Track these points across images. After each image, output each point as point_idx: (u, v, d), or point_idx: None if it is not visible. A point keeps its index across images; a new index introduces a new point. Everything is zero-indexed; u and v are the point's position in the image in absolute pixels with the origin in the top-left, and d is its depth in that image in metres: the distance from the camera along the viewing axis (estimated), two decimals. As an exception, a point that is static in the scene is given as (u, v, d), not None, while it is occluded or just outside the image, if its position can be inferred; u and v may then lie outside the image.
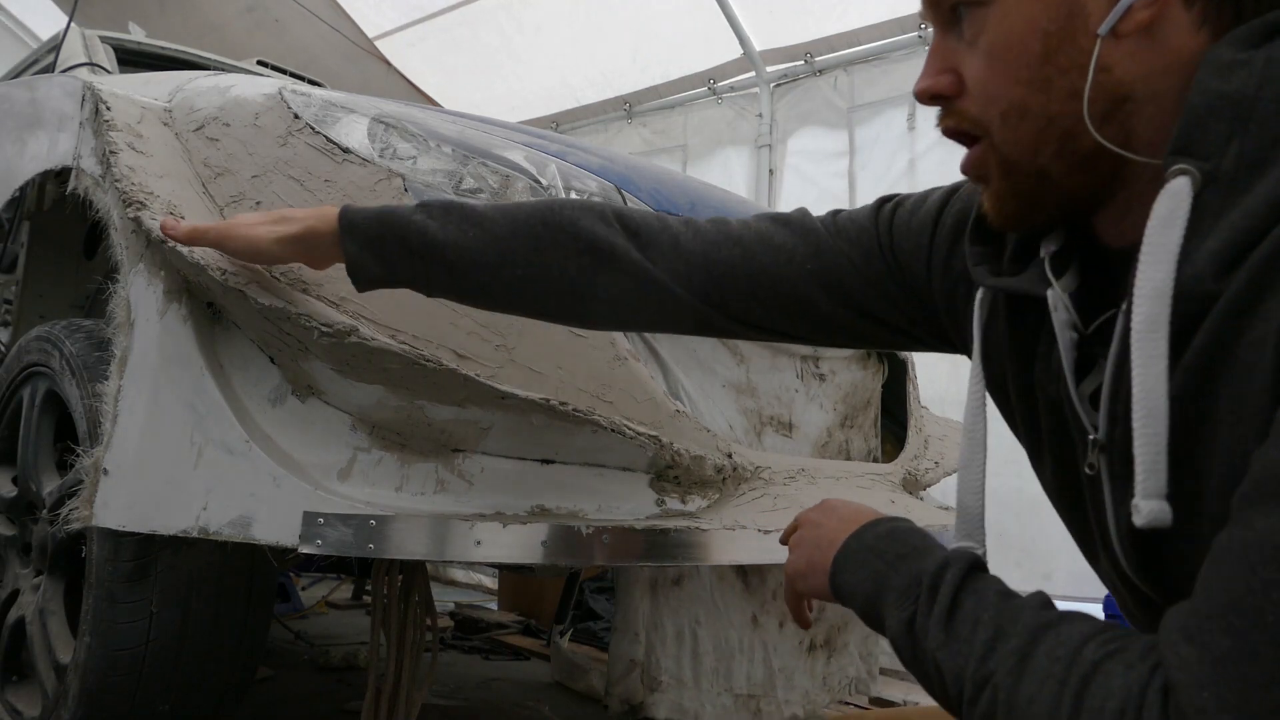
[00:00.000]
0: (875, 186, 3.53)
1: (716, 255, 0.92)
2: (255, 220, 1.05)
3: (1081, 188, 0.64)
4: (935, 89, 0.67)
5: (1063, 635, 0.55)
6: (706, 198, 1.57)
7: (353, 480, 1.16)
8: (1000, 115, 0.64)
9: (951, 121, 0.68)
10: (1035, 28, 0.61)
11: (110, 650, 1.31)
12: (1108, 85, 0.60)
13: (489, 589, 4.22)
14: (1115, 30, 0.58)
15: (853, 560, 0.73)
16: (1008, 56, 0.62)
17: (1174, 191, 0.55)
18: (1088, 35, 0.59)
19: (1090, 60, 0.59)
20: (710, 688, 1.58)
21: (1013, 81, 0.62)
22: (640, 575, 1.60)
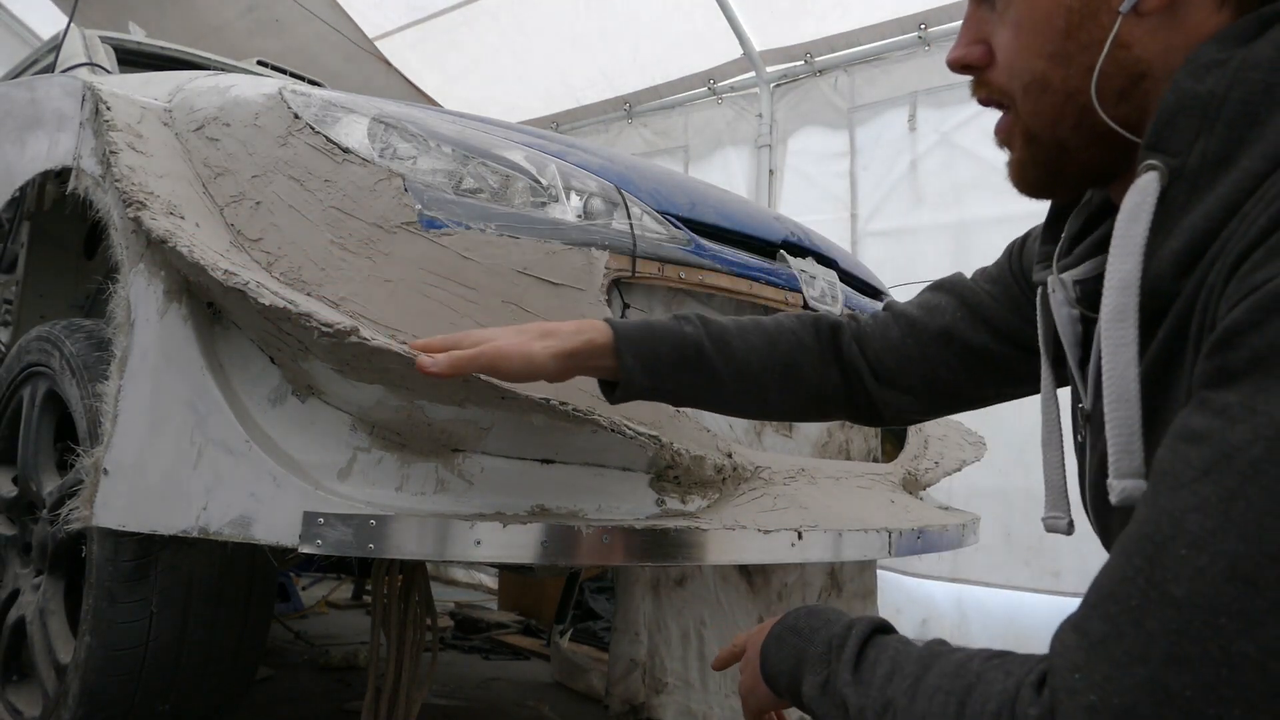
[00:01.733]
0: (876, 187, 3.53)
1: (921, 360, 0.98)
2: (520, 339, 0.92)
3: (1098, 160, 0.66)
4: (967, 59, 0.70)
5: (953, 658, 0.60)
6: (707, 198, 1.57)
7: (353, 480, 1.16)
8: (1023, 88, 0.66)
9: (982, 92, 0.71)
10: (1060, 3, 0.62)
11: (110, 650, 1.31)
12: (1126, 62, 0.61)
13: (489, 589, 4.22)
14: (1137, 8, 0.60)
15: (775, 643, 0.78)
16: (1033, 30, 0.64)
17: (1142, 186, 0.57)
18: (1110, 12, 0.61)
19: (1109, 36, 0.60)
20: (718, 690, 1.58)
21: (1036, 55, 0.64)
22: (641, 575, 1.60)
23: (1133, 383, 0.57)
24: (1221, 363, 0.49)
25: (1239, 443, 0.46)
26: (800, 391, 1.00)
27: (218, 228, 1.24)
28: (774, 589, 1.70)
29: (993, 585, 3.01)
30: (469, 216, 1.21)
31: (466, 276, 1.19)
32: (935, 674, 0.59)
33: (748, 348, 0.98)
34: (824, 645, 0.71)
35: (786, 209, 3.65)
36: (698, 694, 1.56)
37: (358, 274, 1.18)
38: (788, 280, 1.54)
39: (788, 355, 0.99)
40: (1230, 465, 0.46)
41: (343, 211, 1.20)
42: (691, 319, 0.99)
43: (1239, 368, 0.48)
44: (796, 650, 0.74)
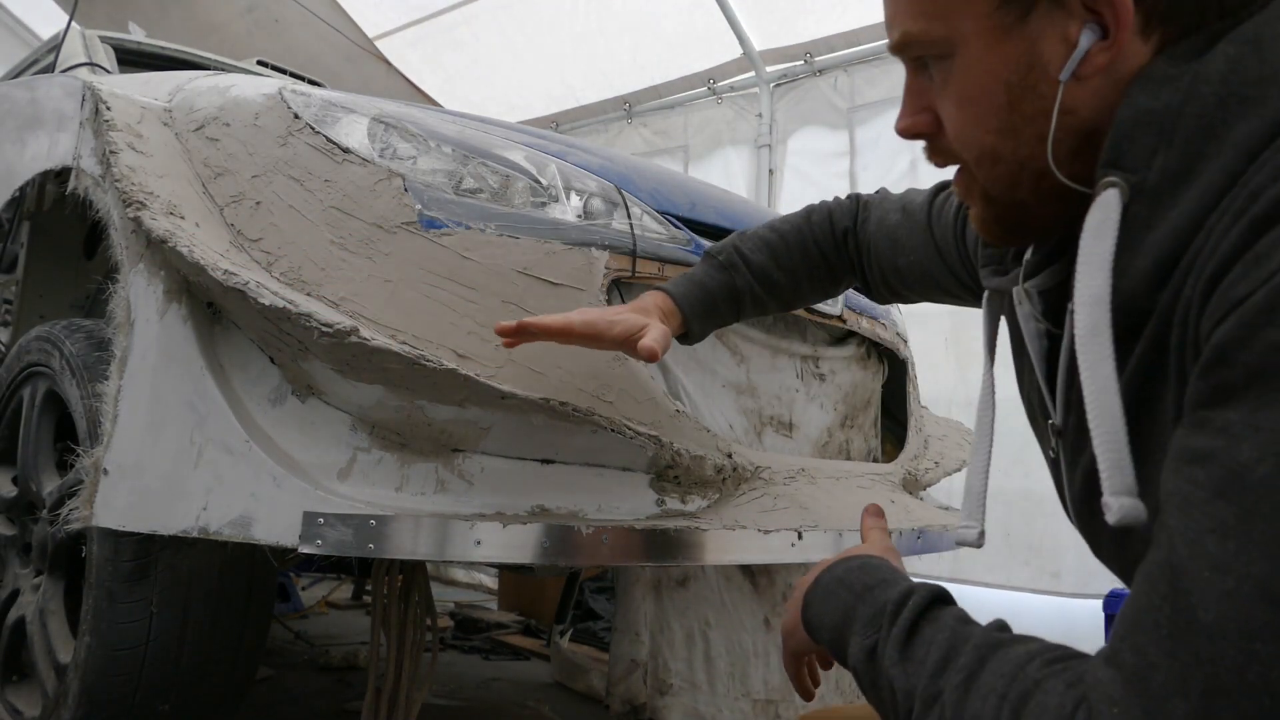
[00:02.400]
0: (876, 187, 3.52)
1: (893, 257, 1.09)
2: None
3: (1059, 214, 0.66)
4: (915, 128, 0.70)
5: (1011, 654, 0.56)
6: (707, 198, 1.57)
7: (353, 480, 1.16)
8: (975, 159, 0.66)
9: (938, 158, 0.71)
10: (998, 79, 0.62)
11: (110, 650, 1.31)
12: (1074, 125, 0.61)
13: (489, 589, 4.22)
14: (1076, 74, 0.59)
15: (822, 592, 0.74)
16: (975, 106, 0.64)
17: (1104, 203, 0.58)
18: (1049, 82, 0.60)
19: (1054, 105, 0.60)
20: (727, 692, 1.58)
21: (982, 130, 0.64)
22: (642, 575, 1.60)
23: (1115, 398, 0.57)
24: (1217, 381, 0.49)
25: (1247, 461, 0.46)
26: (823, 291, 1.20)
27: (218, 228, 1.24)
28: (779, 589, 1.70)
29: (992, 585, 3.01)
30: (469, 216, 1.21)
31: (466, 276, 1.19)
32: (991, 672, 0.55)
33: (787, 276, 1.14)
34: (876, 609, 0.67)
35: (786, 209, 3.64)
36: (705, 695, 1.56)
37: (358, 274, 1.18)
38: (788, 280, 1.54)
39: (817, 268, 1.15)
40: (1242, 484, 0.46)
41: (343, 211, 1.20)
42: (737, 265, 1.13)
43: (1236, 385, 0.48)
44: (845, 606, 0.71)
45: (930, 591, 0.66)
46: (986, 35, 0.61)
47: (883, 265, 1.09)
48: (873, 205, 1.12)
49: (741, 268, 1.13)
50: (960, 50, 0.63)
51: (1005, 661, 0.55)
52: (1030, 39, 0.60)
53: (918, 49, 0.66)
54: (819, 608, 0.74)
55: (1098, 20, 0.58)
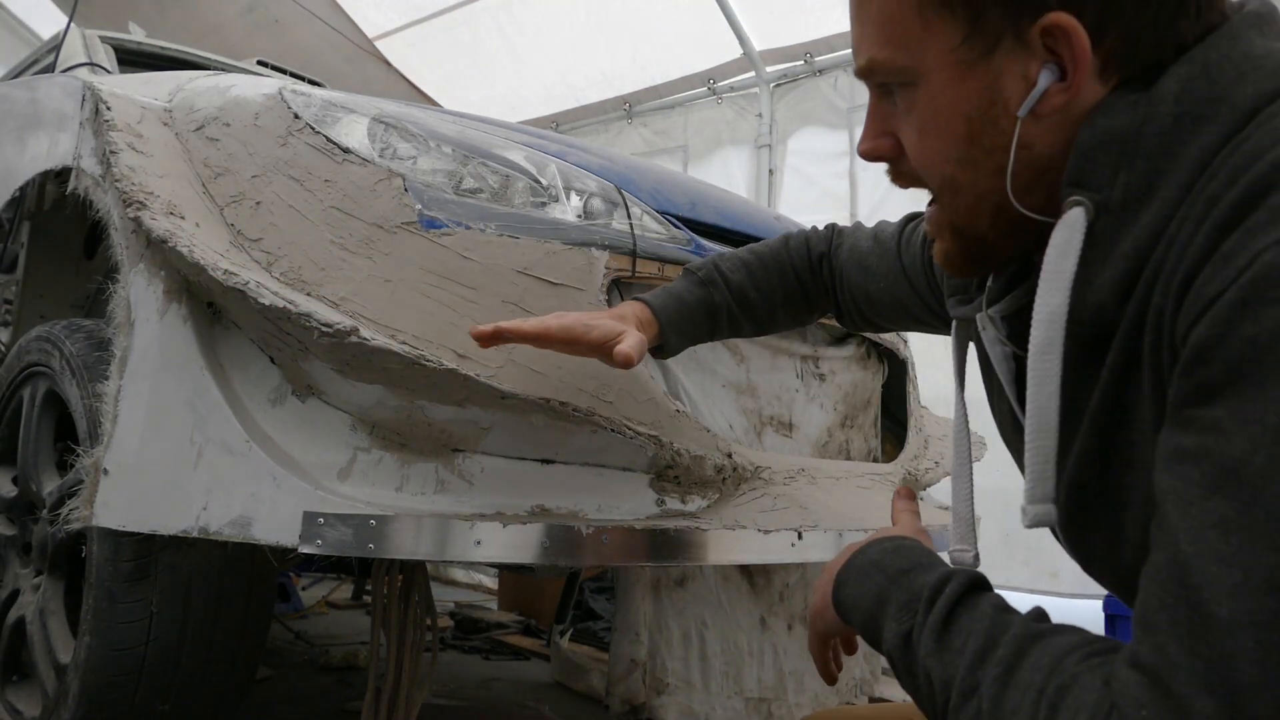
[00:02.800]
0: (876, 187, 3.53)
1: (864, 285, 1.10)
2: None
3: (1019, 246, 0.68)
4: (878, 151, 0.71)
5: (1050, 646, 0.56)
6: (707, 197, 1.57)
7: (353, 480, 1.16)
8: (938, 188, 0.68)
9: (902, 181, 0.72)
10: (959, 112, 0.63)
11: (110, 650, 1.31)
12: (1030, 160, 0.63)
13: (489, 589, 4.22)
14: (1034, 112, 0.61)
15: (856, 574, 0.73)
16: (936, 136, 0.65)
17: (1069, 222, 0.59)
18: (1008, 117, 0.62)
19: (1012, 141, 0.62)
20: (720, 691, 1.58)
21: (942, 160, 0.66)
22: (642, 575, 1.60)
23: (1053, 414, 0.60)
24: (1200, 380, 0.50)
25: (1240, 454, 0.47)
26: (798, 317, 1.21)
27: (218, 228, 1.24)
28: (776, 589, 1.70)
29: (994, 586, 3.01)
30: (469, 216, 1.21)
31: (466, 276, 1.19)
32: (1030, 665, 0.55)
33: (763, 298, 1.15)
34: (911, 594, 0.66)
35: (786, 209, 3.65)
36: (699, 694, 1.56)
37: (358, 274, 1.18)
38: (788, 280, 1.54)
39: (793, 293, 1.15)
40: (1238, 478, 0.47)
41: (343, 211, 1.20)
42: (715, 282, 1.13)
43: (1218, 381, 0.48)
44: (879, 590, 0.70)
45: (968, 578, 0.65)
46: (950, 69, 0.63)
47: (854, 292, 1.10)
48: (846, 233, 1.14)
49: (720, 285, 1.13)
50: (924, 80, 0.64)
51: (1044, 654, 0.55)
52: (992, 75, 0.62)
53: (882, 75, 0.67)
54: (852, 589, 0.73)
55: (1057, 61, 0.60)
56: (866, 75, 0.69)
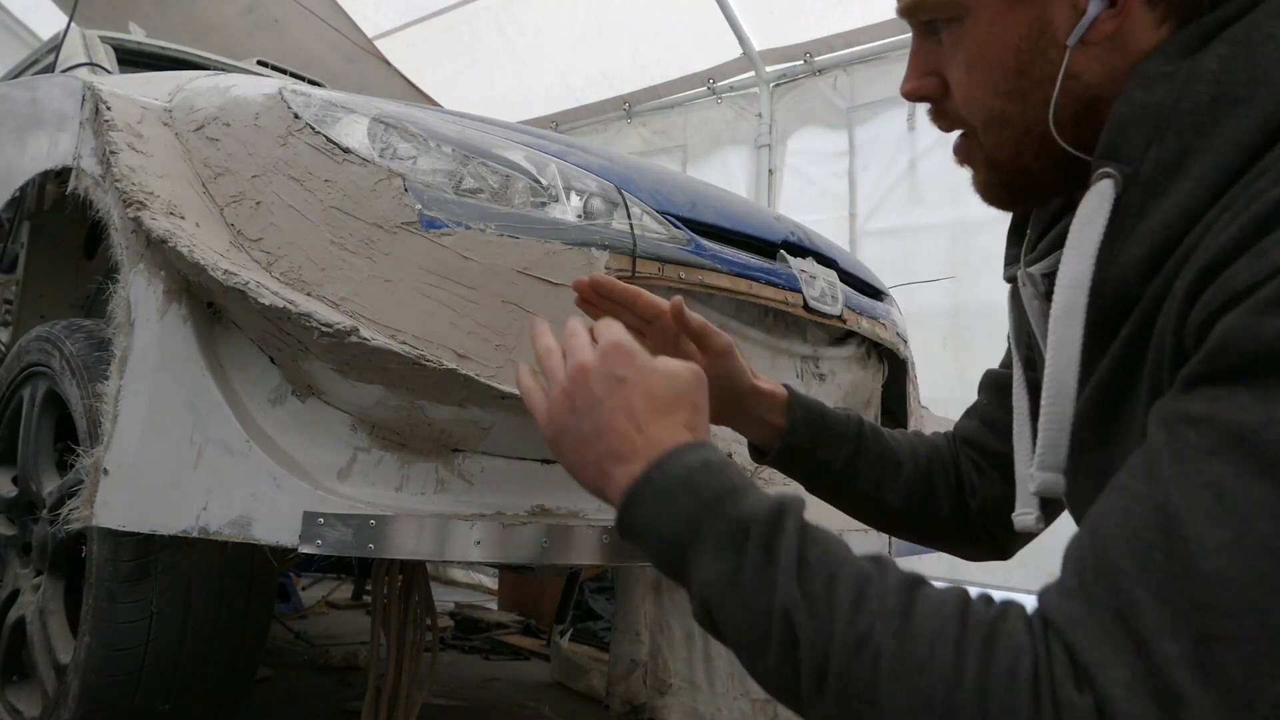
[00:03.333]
0: (875, 187, 3.53)
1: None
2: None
3: (1060, 179, 0.68)
4: (922, 91, 0.71)
5: (936, 593, 0.53)
6: (707, 197, 1.57)
7: (353, 480, 1.16)
8: (983, 123, 0.68)
9: (943, 121, 0.72)
10: (1008, 44, 0.64)
11: (110, 650, 1.31)
12: (1077, 91, 0.63)
13: (489, 589, 4.22)
14: (1083, 40, 0.62)
15: (655, 492, 0.61)
16: (985, 70, 0.66)
17: (1098, 192, 0.60)
18: (1057, 47, 0.63)
19: (1059, 70, 0.63)
20: (726, 692, 1.58)
21: (991, 93, 0.66)
22: (641, 575, 1.60)
23: (1072, 382, 0.60)
24: (1221, 365, 0.49)
25: (1252, 424, 0.47)
26: (928, 507, 0.96)
27: (218, 228, 1.24)
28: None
29: (990, 586, 3.01)
30: (469, 216, 1.21)
31: (466, 276, 1.19)
32: (927, 614, 0.51)
33: (896, 440, 0.98)
34: (732, 524, 0.57)
35: (786, 209, 3.65)
36: (704, 695, 1.56)
37: (358, 274, 1.18)
38: (788, 280, 1.54)
39: (927, 463, 0.97)
40: (1245, 445, 0.47)
41: (343, 211, 1.20)
42: (851, 417, 0.98)
43: (1239, 369, 0.49)
44: (689, 517, 0.59)
45: (799, 506, 0.59)
46: (999, 1, 0.63)
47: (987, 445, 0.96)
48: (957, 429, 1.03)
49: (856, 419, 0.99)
50: (972, 14, 0.65)
51: (935, 602, 0.52)
52: (1041, 4, 0.62)
53: (929, 11, 0.67)
54: (650, 512, 0.61)
55: None
56: (913, 12, 0.69)
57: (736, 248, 1.50)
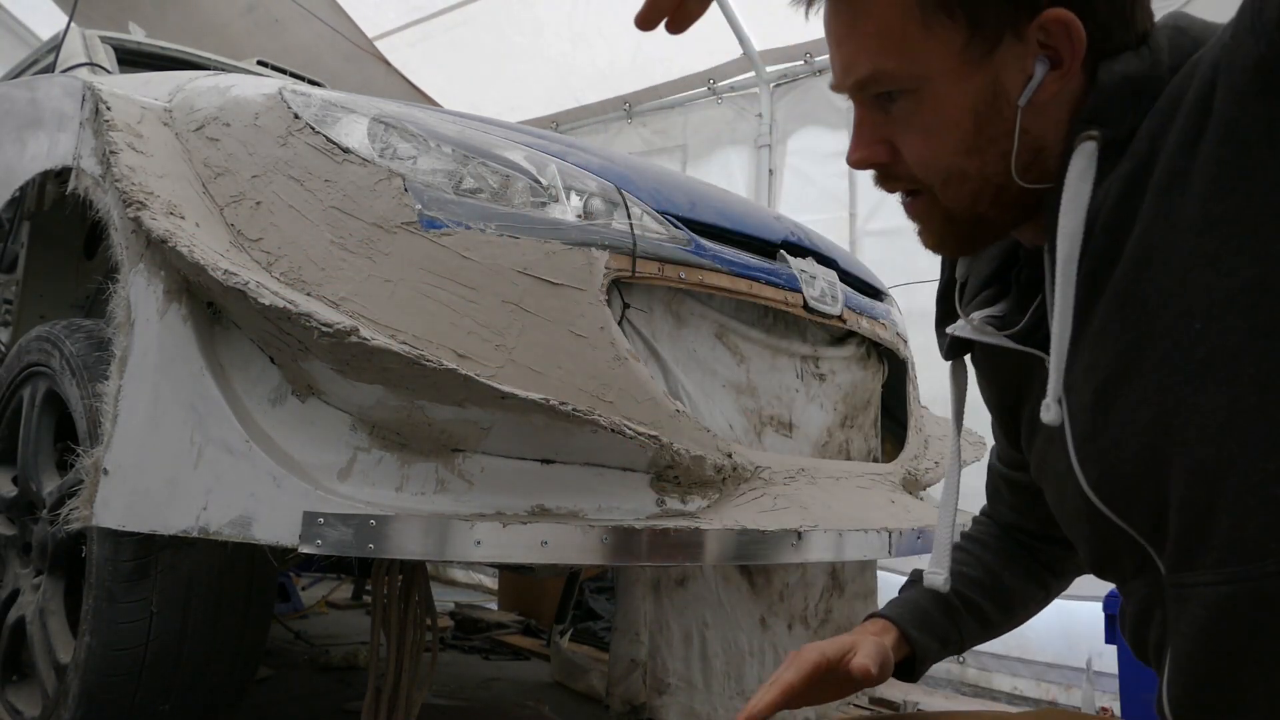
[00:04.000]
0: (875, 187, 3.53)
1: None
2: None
3: (1013, 220, 0.76)
4: (872, 159, 0.76)
5: None
6: (707, 197, 1.57)
7: (353, 480, 1.16)
8: (941, 181, 0.73)
9: (891, 184, 0.78)
10: (965, 107, 0.69)
11: (110, 650, 1.31)
12: (1028, 143, 0.70)
13: (489, 589, 4.22)
14: (1031, 100, 0.68)
15: None
16: (943, 133, 0.71)
17: (1085, 152, 0.67)
18: (1010, 106, 0.69)
19: (1014, 127, 0.69)
20: (722, 691, 1.58)
21: (950, 153, 0.71)
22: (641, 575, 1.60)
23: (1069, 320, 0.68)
24: None
25: None
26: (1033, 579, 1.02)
27: (218, 228, 1.24)
28: (775, 589, 1.70)
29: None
30: (469, 216, 1.21)
31: (466, 276, 1.19)
32: None
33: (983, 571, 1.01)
34: None
35: (786, 209, 3.65)
36: (701, 694, 1.56)
37: (358, 274, 1.18)
38: (788, 280, 1.54)
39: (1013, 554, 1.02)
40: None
41: (343, 211, 1.20)
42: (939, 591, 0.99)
43: None
44: None
45: None
46: (955, 70, 0.68)
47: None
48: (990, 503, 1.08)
49: (945, 593, 0.99)
50: (929, 84, 0.70)
51: None
52: (994, 70, 0.68)
53: (885, 85, 0.72)
54: None
55: (1048, 54, 0.67)
56: (864, 88, 0.74)
57: (736, 248, 1.50)
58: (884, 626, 0.97)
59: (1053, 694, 2.94)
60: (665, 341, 1.42)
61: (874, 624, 0.98)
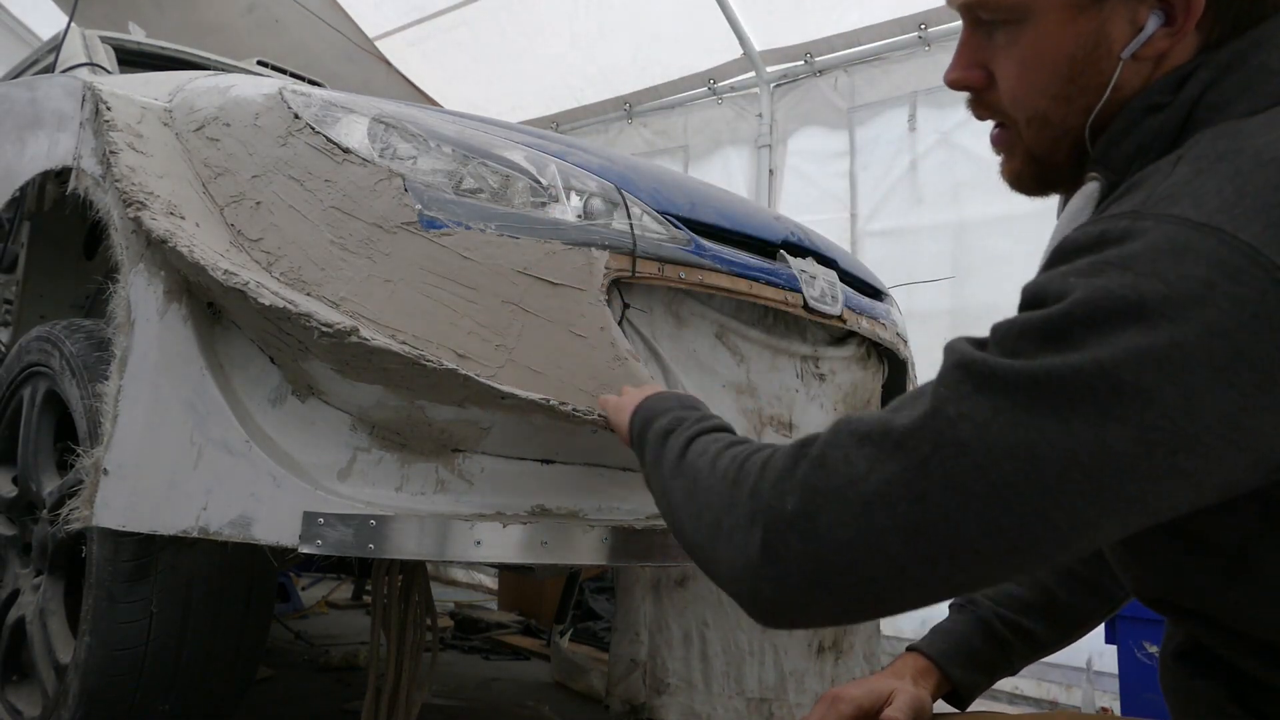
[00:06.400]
0: (876, 187, 3.53)
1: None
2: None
3: (1080, 172, 0.72)
4: (967, 81, 0.74)
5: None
6: (707, 198, 1.57)
7: (353, 480, 1.16)
8: (1026, 120, 0.72)
9: (983, 111, 0.76)
10: (1064, 51, 0.68)
11: (110, 650, 1.31)
12: (1115, 101, 0.68)
13: (489, 589, 4.22)
14: (1136, 54, 0.66)
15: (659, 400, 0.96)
16: (1038, 73, 0.69)
17: (1086, 192, 0.68)
18: (1110, 58, 0.67)
19: (1109, 80, 0.67)
20: (721, 691, 1.57)
21: (1040, 94, 0.70)
22: (641, 575, 1.60)
23: None
24: None
25: None
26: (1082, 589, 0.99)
27: (218, 228, 1.24)
28: (774, 589, 1.70)
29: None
30: (469, 216, 1.21)
31: (466, 276, 1.19)
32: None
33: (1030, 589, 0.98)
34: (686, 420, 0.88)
35: (786, 209, 3.65)
36: (701, 695, 1.56)
37: (358, 274, 1.18)
38: (788, 280, 1.54)
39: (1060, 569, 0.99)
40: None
41: (343, 211, 1.20)
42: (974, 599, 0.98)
43: None
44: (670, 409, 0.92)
45: (715, 421, 0.86)
46: (1064, 9, 0.67)
47: None
48: None
49: (977, 597, 0.99)
50: (1034, 19, 0.68)
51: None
52: (1102, 17, 0.66)
53: (991, 11, 0.70)
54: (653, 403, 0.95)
55: (1165, 8, 0.64)
56: (972, 8, 0.72)
57: (736, 248, 1.50)
58: (925, 667, 0.93)
59: (1053, 694, 2.94)
60: (665, 341, 1.42)
61: (914, 661, 0.94)
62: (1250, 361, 0.51)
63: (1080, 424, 0.53)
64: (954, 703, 0.95)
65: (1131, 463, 0.53)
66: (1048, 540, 0.56)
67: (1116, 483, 0.53)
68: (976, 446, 0.56)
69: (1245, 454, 0.53)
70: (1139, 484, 0.53)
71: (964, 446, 0.56)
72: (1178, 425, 0.52)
